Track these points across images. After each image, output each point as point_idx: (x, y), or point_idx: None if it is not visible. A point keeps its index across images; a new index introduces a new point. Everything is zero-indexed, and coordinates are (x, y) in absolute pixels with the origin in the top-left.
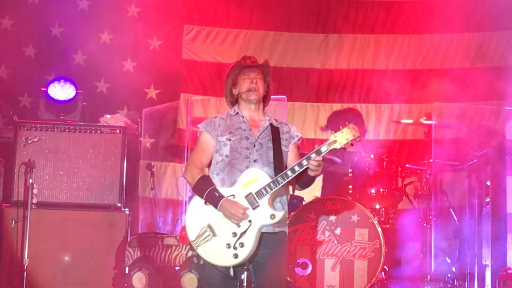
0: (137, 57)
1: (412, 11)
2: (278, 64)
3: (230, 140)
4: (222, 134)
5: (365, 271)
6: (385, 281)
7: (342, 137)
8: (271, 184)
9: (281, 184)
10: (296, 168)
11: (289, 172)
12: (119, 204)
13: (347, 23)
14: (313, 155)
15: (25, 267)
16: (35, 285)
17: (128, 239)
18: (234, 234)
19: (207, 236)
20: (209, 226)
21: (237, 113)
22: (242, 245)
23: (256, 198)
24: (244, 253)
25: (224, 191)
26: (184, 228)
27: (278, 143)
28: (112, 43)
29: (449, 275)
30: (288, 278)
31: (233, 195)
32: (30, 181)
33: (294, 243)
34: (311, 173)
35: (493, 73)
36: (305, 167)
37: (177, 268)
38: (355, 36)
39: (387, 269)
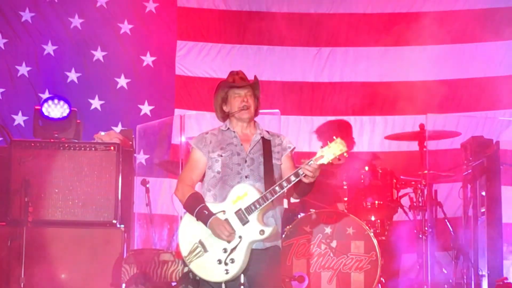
0: (131, 74)
1: (403, 23)
2: (271, 78)
3: (221, 156)
4: (213, 150)
5: (361, 284)
6: None
7: (329, 152)
8: (260, 199)
9: (270, 200)
10: (284, 184)
11: (277, 188)
12: (114, 221)
13: (339, 36)
14: (300, 171)
15: (22, 286)
16: None
17: (124, 255)
18: (225, 250)
19: (199, 252)
20: (201, 242)
21: (228, 128)
22: (232, 261)
23: (246, 214)
24: (234, 269)
25: (215, 207)
26: None
27: (269, 157)
28: (106, 60)
29: (446, 286)
30: None
31: (223, 211)
32: (26, 199)
33: (290, 257)
34: (305, 180)
35: (487, 83)
36: (293, 182)
37: (173, 283)
38: (347, 49)
39: (383, 281)
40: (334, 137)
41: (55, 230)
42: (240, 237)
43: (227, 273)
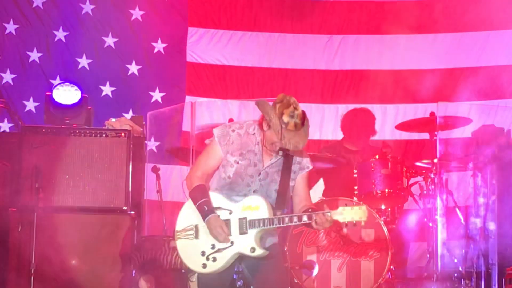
0: (142, 60)
1: (415, 11)
2: (282, 65)
3: (238, 163)
4: (232, 153)
5: (371, 272)
6: (392, 281)
7: (349, 214)
8: (267, 220)
9: (275, 226)
10: (295, 219)
11: (286, 219)
12: (125, 208)
13: (351, 24)
14: (314, 216)
15: (32, 271)
16: None
17: (135, 242)
18: (213, 247)
19: (190, 235)
20: (196, 227)
21: (255, 133)
22: (214, 259)
23: (247, 226)
24: (212, 268)
25: (225, 202)
26: None
27: (287, 177)
28: (117, 46)
29: (455, 275)
30: (295, 280)
31: (230, 211)
32: (36, 185)
33: (301, 244)
34: (314, 226)
35: (499, 71)
36: (303, 222)
37: (183, 271)
38: (359, 37)
39: (393, 269)
40: (361, 202)
41: (66, 216)
42: (232, 242)
43: (204, 267)
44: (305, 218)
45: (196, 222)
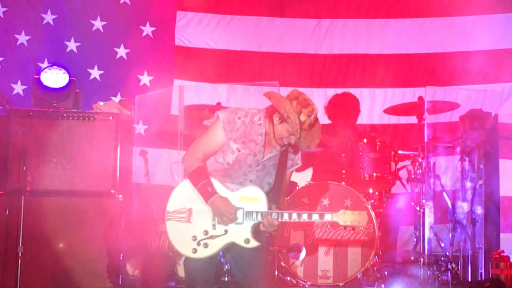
0: (130, 44)
1: None
2: (271, 49)
3: (239, 151)
4: (235, 140)
5: (358, 256)
6: (379, 265)
7: (349, 218)
8: (265, 214)
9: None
10: (294, 216)
11: (285, 215)
12: (113, 191)
13: (340, 8)
14: (315, 216)
15: (20, 255)
16: (29, 272)
17: (122, 225)
18: (206, 233)
19: (182, 218)
20: (189, 211)
21: (260, 124)
22: (206, 245)
23: (244, 216)
24: (202, 254)
25: (221, 189)
26: None
27: (281, 172)
28: (105, 30)
29: (442, 259)
30: (282, 263)
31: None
32: (24, 168)
33: (288, 228)
34: (262, 229)
35: (486, 56)
36: (302, 220)
37: (171, 254)
38: (347, 21)
39: (380, 253)
40: (364, 210)
41: (53, 200)
42: (226, 231)
43: (194, 252)
44: (304, 216)
45: (190, 206)
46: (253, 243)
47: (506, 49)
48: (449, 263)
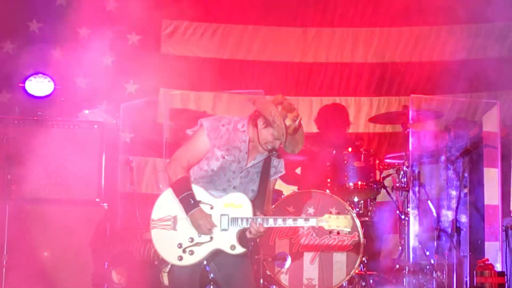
0: (116, 52)
1: (390, 4)
2: (256, 58)
3: (224, 158)
4: (219, 148)
5: (343, 264)
6: (364, 274)
7: (334, 222)
8: (250, 220)
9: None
10: (280, 221)
11: (271, 220)
12: (98, 199)
13: (325, 16)
14: (300, 221)
15: (4, 263)
16: (14, 281)
17: (107, 234)
18: (191, 240)
19: (167, 225)
20: (174, 218)
21: (244, 130)
22: (192, 253)
23: (229, 223)
24: (188, 261)
25: (206, 196)
26: None
27: (265, 179)
28: (91, 38)
29: (427, 267)
30: (268, 272)
31: (211, 206)
32: (8, 177)
33: (273, 236)
34: (249, 235)
35: (471, 66)
36: (288, 226)
37: (156, 262)
38: (333, 30)
39: (365, 261)
40: (347, 212)
41: (38, 208)
42: (211, 238)
43: (180, 259)
44: (289, 221)
45: (174, 213)
46: (239, 249)
47: (491, 58)
48: (434, 272)
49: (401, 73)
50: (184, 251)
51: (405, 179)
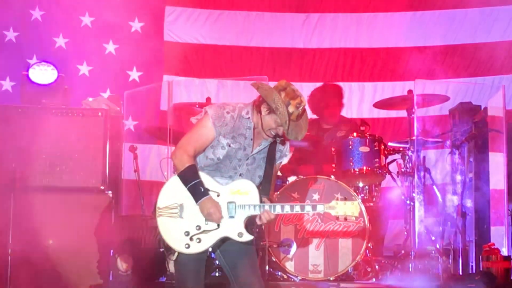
0: (119, 39)
1: None
2: (260, 44)
3: (229, 146)
4: (225, 136)
5: (349, 250)
6: (369, 259)
7: (342, 208)
8: (257, 207)
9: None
10: (287, 208)
11: (278, 207)
12: (102, 187)
13: (328, 2)
14: (308, 208)
15: (10, 252)
16: (20, 269)
17: (112, 222)
18: (198, 227)
19: (174, 213)
20: (181, 206)
21: (249, 118)
22: (199, 240)
23: (236, 210)
24: (196, 249)
25: (212, 183)
26: None
27: (271, 164)
28: (94, 26)
29: (433, 252)
30: (273, 258)
31: (218, 193)
32: (13, 165)
33: (278, 223)
34: (259, 222)
35: (476, 49)
36: (295, 212)
37: (161, 250)
38: (336, 15)
39: (371, 247)
40: (356, 200)
41: (43, 196)
42: (218, 225)
43: (187, 247)
44: (297, 208)
45: (181, 201)
46: (246, 237)
47: (496, 42)
48: (439, 257)
49: (405, 57)
50: (191, 239)
51: (410, 164)
